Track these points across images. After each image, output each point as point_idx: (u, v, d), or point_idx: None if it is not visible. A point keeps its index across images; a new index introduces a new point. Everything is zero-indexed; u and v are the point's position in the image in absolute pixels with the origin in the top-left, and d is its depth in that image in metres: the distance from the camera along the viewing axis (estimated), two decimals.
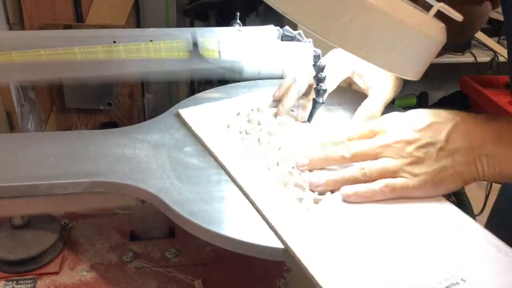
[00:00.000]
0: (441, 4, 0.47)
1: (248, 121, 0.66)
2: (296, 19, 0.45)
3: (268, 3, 0.46)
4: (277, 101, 0.70)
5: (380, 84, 0.67)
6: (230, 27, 0.61)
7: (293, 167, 0.57)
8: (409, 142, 0.53)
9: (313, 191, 0.54)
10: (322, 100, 0.64)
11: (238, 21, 0.61)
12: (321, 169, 0.57)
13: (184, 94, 1.90)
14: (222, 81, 0.83)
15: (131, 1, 1.54)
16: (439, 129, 0.53)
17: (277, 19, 0.59)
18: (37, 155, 0.60)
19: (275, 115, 0.68)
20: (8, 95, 1.00)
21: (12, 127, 1.03)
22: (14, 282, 0.61)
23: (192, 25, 1.79)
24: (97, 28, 0.57)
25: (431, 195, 0.53)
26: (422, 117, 0.54)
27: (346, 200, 0.53)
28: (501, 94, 0.84)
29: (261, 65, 0.58)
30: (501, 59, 1.58)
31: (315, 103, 0.64)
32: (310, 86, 0.68)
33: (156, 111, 0.71)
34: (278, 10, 0.46)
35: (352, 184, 0.53)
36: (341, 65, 0.69)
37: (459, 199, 0.58)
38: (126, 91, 1.64)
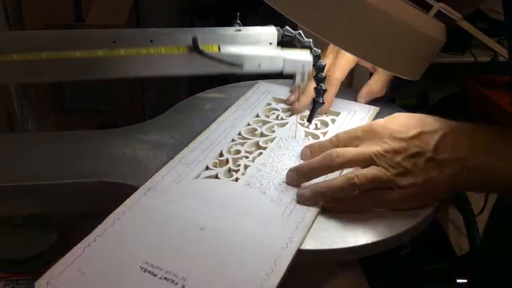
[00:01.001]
0: (441, 4, 0.47)
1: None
2: (296, 19, 0.45)
3: (268, 3, 0.46)
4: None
5: None
6: (230, 27, 0.61)
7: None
8: (397, 152, 0.51)
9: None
10: (322, 100, 0.64)
11: (238, 21, 0.61)
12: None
13: (184, 94, 1.90)
14: (222, 80, 0.82)
15: (131, 1, 1.54)
16: (427, 139, 0.51)
17: (277, 19, 0.59)
18: (37, 155, 0.60)
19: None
20: (8, 95, 1.00)
21: (12, 127, 1.03)
22: (14, 282, 0.61)
23: (192, 25, 1.79)
24: (97, 28, 0.57)
25: (421, 205, 0.52)
26: (410, 126, 0.52)
27: (327, 208, 0.51)
28: (501, 94, 0.84)
29: (260, 58, 0.58)
30: (501, 59, 1.58)
31: (315, 103, 0.64)
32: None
33: (156, 111, 0.71)
34: (278, 10, 0.46)
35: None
36: (347, 55, 0.69)
37: (459, 199, 0.58)
38: (126, 91, 1.64)
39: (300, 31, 0.59)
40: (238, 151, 0.61)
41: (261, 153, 0.60)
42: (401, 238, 0.51)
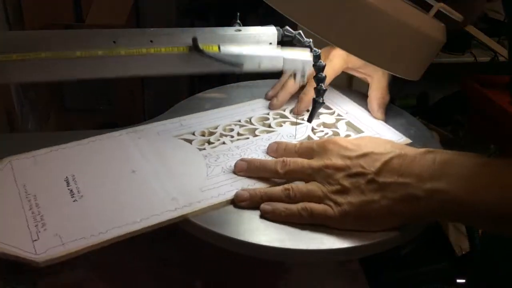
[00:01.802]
0: (441, 4, 0.47)
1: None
2: (296, 19, 0.45)
3: (268, 3, 0.46)
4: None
5: (377, 71, 0.69)
6: (230, 27, 0.61)
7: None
8: (338, 169, 0.50)
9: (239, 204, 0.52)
10: (322, 100, 0.64)
11: (238, 21, 0.61)
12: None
13: (184, 94, 1.90)
14: (222, 79, 0.82)
15: (131, 1, 1.53)
16: (373, 160, 0.49)
17: (277, 19, 0.59)
18: None
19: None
20: (8, 95, 1.00)
21: (12, 127, 1.03)
22: (14, 282, 0.61)
23: (192, 25, 1.79)
24: (97, 28, 0.58)
25: (359, 229, 0.49)
26: (362, 145, 0.51)
27: (263, 217, 0.51)
28: (501, 94, 0.84)
29: (260, 58, 0.58)
30: (501, 59, 1.58)
31: (315, 103, 0.64)
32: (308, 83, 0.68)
33: (156, 111, 0.71)
34: (278, 10, 0.46)
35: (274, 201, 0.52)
36: (336, 62, 0.69)
37: None
38: (126, 90, 1.64)
39: (300, 31, 0.59)
40: (232, 130, 0.64)
41: (248, 138, 0.63)
42: (400, 238, 0.51)
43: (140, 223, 0.50)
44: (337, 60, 0.69)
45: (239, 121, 0.67)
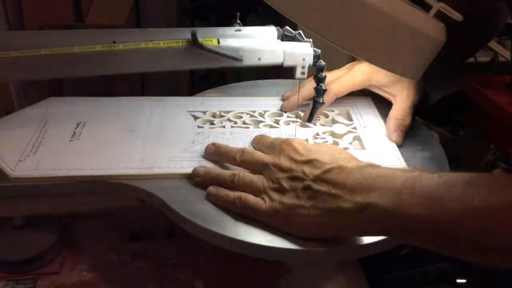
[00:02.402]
0: (441, 4, 0.47)
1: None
2: (296, 19, 0.45)
3: (268, 3, 0.46)
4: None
5: (403, 91, 0.68)
6: (230, 27, 0.61)
7: None
8: (282, 170, 0.51)
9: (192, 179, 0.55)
10: (322, 100, 0.64)
11: (238, 21, 0.61)
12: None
13: (184, 94, 1.90)
14: (222, 79, 0.82)
15: (131, 1, 1.53)
16: (314, 168, 0.49)
17: (277, 19, 0.59)
18: None
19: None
20: (8, 94, 0.99)
21: None
22: (14, 282, 0.61)
23: (192, 25, 1.79)
24: (97, 28, 0.58)
25: (286, 231, 0.49)
26: (312, 151, 0.51)
27: (207, 198, 0.53)
28: (501, 94, 0.83)
29: (260, 52, 0.58)
30: (501, 59, 1.58)
31: (315, 103, 0.64)
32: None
33: None
34: (278, 10, 0.46)
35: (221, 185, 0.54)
36: (357, 75, 0.69)
37: None
38: (126, 91, 1.64)
39: (300, 31, 0.59)
40: (240, 117, 0.68)
41: (248, 128, 0.66)
42: None
43: (101, 170, 0.56)
44: (359, 74, 0.69)
45: (254, 112, 0.69)
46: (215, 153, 0.58)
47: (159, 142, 0.61)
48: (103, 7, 1.46)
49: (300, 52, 0.58)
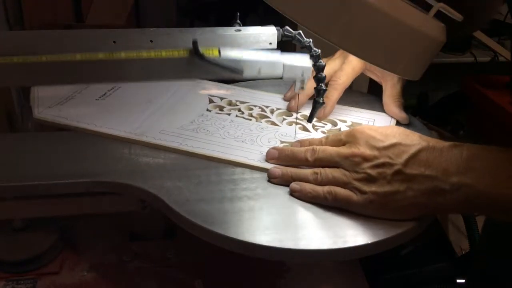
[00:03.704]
0: (441, 4, 0.47)
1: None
2: (296, 19, 0.45)
3: (268, 3, 0.46)
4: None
5: (393, 76, 0.69)
6: (230, 27, 0.61)
7: None
8: (366, 159, 0.51)
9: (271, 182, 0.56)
10: (322, 100, 0.64)
11: (238, 21, 0.61)
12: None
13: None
14: (222, 80, 0.82)
15: (131, 1, 1.53)
16: (401, 151, 0.50)
17: (277, 19, 0.59)
18: (37, 155, 0.60)
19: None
20: (8, 95, 0.99)
21: (12, 127, 1.03)
22: (14, 282, 0.61)
23: (192, 25, 1.79)
24: (97, 28, 0.58)
25: (381, 217, 0.51)
26: (390, 135, 0.52)
27: (292, 195, 0.54)
28: (501, 94, 0.83)
29: (261, 64, 0.58)
30: (501, 59, 1.58)
31: (315, 103, 0.64)
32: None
33: None
34: (278, 10, 0.46)
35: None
36: (356, 63, 0.70)
37: None
38: None
39: (300, 31, 0.59)
40: (251, 109, 0.70)
41: (250, 120, 0.68)
42: (401, 238, 0.51)
43: (101, 128, 0.63)
44: (357, 62, 0.70)
45: (267, 107, 0.71)
46: (282, 157, 0.57)
47: (163, 116, 0.67)
48: (103, 7, 1.46)
49: (299, 66, 0.59)
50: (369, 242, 0.49)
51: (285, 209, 0.52)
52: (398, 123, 0.69)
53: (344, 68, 0.69)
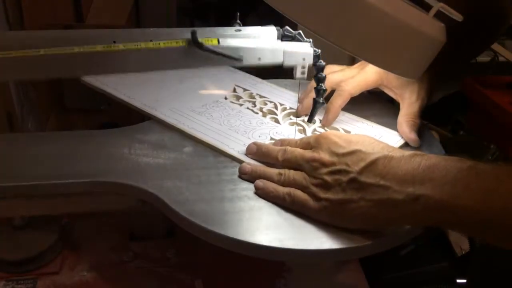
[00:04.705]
0: (441, 4, 0.47)
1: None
2: (296, 19, 0.45)
3: (268, 3, 0.46)
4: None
5: (412, 94, 0.67)
6: (230, 27, 0.61)
7: None
8: (324, 164, 0.51)
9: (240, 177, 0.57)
10: (322, 100, 0.64)
11: (238, 21, 0.61)
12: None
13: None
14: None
15: (131, 1, 1.53)
16: (359, 159, 0.49)
17: (277, 19, 0.59)
18: (37, 155, 0.60)
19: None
20: (8, 95, 0.99)
21: (12, 127, 1.03)
22: (14, 282, 0.61)
23: (192, 25, 1.79)
24: (97, 28, 0.58)
25: (334, 224, 0.50)
26: (353, 142, 0.51)
27: (255, 192, 0.54)
28: (501, 94, 0.83)
29: (260, 52, 0.58)
30: (501, 59, 1.58)
31: (315, 103, 0.64)
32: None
33: None
34: (278, 10, 0.46)
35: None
36: (370, 75, 0.69)
37: None
38: None
39: (300, 31, 0.59)
40: (265, 104, 0.72)
41: (257, 114, 0.69)
42: (401, 238, 0.51)
43: (123, 95, 0.71)
44: (372, 74, 0.69)
45: (281, 104, 0.72)
46: (258, 153, 0.59)
47: (182, 95, 0.72)
48: (103, 7, 1.46)
49: (300, 52, 0.58)
50: (369, 242, 0.49)
51: (285, 209, 0.53)
52: (408, 145, 0.65)
53: (356, 77, 0.68)
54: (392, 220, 0.48)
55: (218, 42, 0.56)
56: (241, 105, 0.71)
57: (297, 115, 0.69)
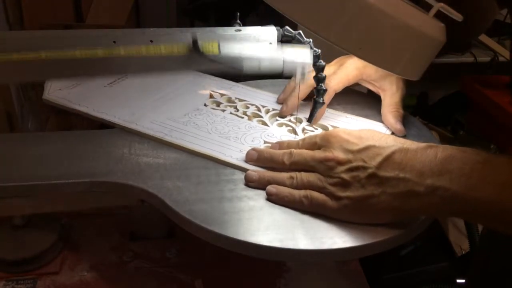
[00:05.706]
0: (441, 4, 0.47)
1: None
2: (296, 19, 0.45)
3: (268, 3, 0.46)
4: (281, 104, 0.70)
5: (392, 85, 0.68)
6: (230, 27, 0.61)
7: None
8: (340, 163, 0.50)
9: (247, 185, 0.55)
10: (322, 100, 0.64)
11: (238, 21, 0.61)
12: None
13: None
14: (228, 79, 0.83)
15: (131, 1, 1.53)
16: (375, 154, 0.49)
17: (277, 19, 0.59)
18: (37, 155, 0.60)
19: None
20: (8, 95, 1.00)
21: (12, 127, 1.03)
22: (14, 282, 0.61)
23: (192, 25, 1.79)
24: (97, 28, 0.58)
25: (357, 222, 0.50)
26: (364, 138, 0.51)
27: (268, 198, 0.53)
28: (501, 94, 0.83)
29: (261, 60, 0.58)
30: (501, 59, 1.58)
31: (315, 103, 0.64)
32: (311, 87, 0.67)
33: None
34: (278, 10, 0.46)
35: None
36: (351, 71, 0.69)
37: None
38: None
39: (300, 31, 0.59)
40: (247, 108, 0.70)
41: (242, 118, 0.68)
42: (401, 238, 0.51)
43: (98, 113, 0.66)
44: (352, 70, 0.69)
45: (264, 107, 0.70)
46: (261, 159, 0.57)
47: (159, 106, 0.69)
48: (103, 7, 1.46)
49: (300, 61, 0.58)
50: (369, 242, 0.49)
51: (285, 209, 0.52)
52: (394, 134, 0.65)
53: (338, 73, 0.69)
54: (413, 211, 0.49)
55: (219, 48, 0.56)
56: (223, 110, 0.69)
57: (281, 115, 0.69)
